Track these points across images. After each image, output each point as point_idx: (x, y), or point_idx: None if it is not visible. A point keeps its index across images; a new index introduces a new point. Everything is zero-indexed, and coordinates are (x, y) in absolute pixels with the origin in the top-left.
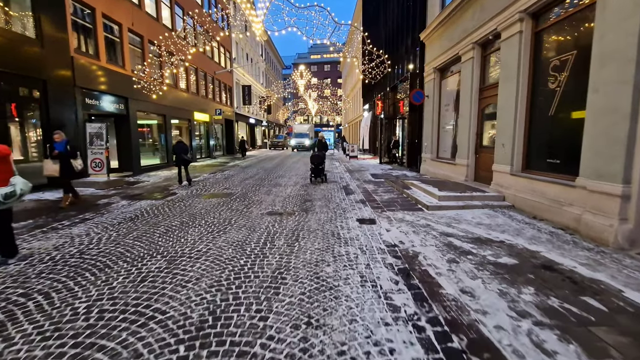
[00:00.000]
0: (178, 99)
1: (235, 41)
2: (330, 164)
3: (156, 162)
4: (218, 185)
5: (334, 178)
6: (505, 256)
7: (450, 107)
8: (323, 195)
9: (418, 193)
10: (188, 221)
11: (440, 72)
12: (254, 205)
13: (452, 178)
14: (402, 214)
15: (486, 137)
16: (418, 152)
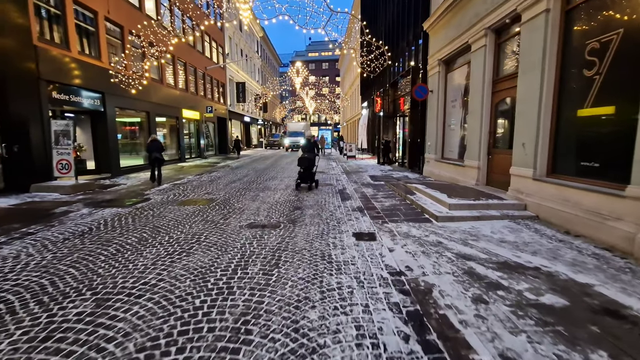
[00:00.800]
0: (164, 96)
1: (229, 36)
2: (327, 165)
3: (139, 163)
4: (200, 189)
5: (330, 180)
6: (548, 292)
7: (457, 103)
8: (316, 202)
9: (424, 200)
10: (149, 237)
11: (446, 64)
12: (233, 215)
13: (459, 181)
14: (407, 226)
15: (501, 136)
16: (420, 152)
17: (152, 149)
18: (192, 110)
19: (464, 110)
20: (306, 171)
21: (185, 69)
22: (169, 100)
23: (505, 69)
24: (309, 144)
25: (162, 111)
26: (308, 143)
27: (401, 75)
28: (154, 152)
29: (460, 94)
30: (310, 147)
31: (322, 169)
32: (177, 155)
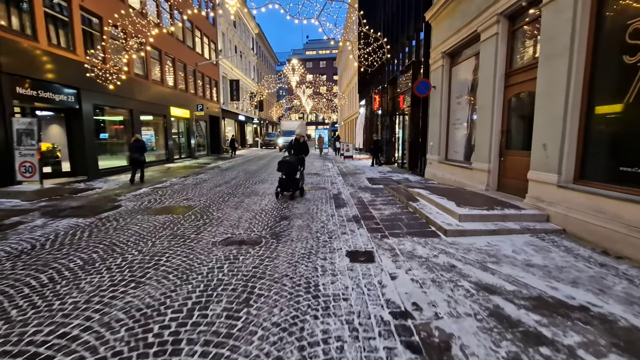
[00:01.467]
0: (150, 92)
1: (222, 32)
2: (323, 165)
3: (121, 164)
4: (181, 193)
5: (324, 183)
6: (612, 352)
7: (463, 99)
8: (306, 209)
9: (428, 208)
10: (98, 259)
11: (451, 57)
12: (209, 228)
13: (466, 186)
14: (410, 242)
15: (515, 135)
16: (422, 152)
17: (133, 150)
18: (181, 108)
19: (471, 107)
20: (288, 177)
21: (174, 64)
22: (155, 98)
23: (520, 59)
24: (297, 144)
25: (148, 109)
26: (295, 143)
27: (401, 71)
28: (134, 153)
29: (466, 89)
30: (298, 149)
31: (317, 171)
32: (165, 156)
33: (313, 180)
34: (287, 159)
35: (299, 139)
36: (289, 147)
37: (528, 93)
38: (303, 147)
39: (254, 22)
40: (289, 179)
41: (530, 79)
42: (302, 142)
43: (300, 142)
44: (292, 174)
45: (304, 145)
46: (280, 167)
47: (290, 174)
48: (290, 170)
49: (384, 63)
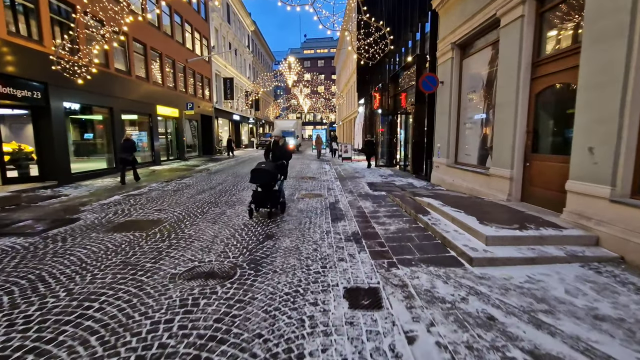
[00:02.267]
0: (134, 90)
1: (215, 27)
2: (319, 168)
3: (98, 167)
4: (155, 202)
5: (320, 189)
6: None
7: (477, 95)
8: (298, 224)
9: (443, 223)
10: (6, 303)
11: (462, 48)
12: (172, 252)
13: (481, 194)
14: (427, 275)
15: (546, 136)
16: (427, 155)
17: (123, 149)
18: (169, 107)
19: (487, 103)
20: (265, 190)
21: (161, 60)
22: (140, 95)
23: (551, 46)
24: (276, 148)
25: (131, 107)
26: (274, 146)
27: (403, 67)
28: (123, 153)
29: (480, 84)
30: (278, 153)
31: (314, 174)
32: (151, 158)
33: (308, 185)
34: (263, 167)
35: (277, 141)
36: (266, 150)
37: (563, 85)
38: (283, 150)
39: (250, 19)
40: (266, 192)
41: (567, 68)
42: (282, 144)
43: (280, 145)
44: (270, 186)
45: (283, 149)
46: (254, 176)
47: (267, 186)
48: (267, 181)
49: (385, 59)
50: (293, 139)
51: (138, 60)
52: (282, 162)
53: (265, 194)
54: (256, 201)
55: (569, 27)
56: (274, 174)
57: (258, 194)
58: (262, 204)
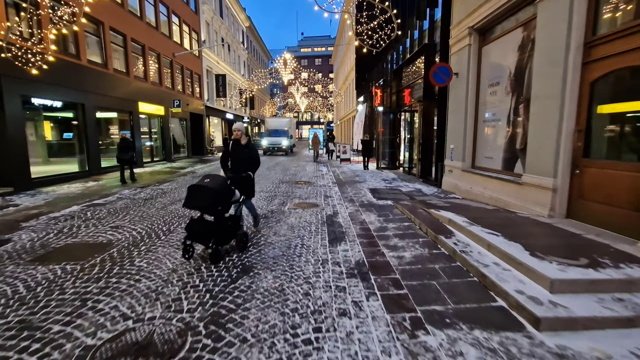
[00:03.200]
0: (111, 84)
1: (206, 21)
2: (316, 171)
3: (66, 171)
4: (117, 215)
5: (316, 197)
6: None
7: (500, 88)
8: (286, 248)
9: (476, 251)
10: None
11: (481, 34)
12: (102, 302)
13: (510, 206)
14: (475, 350)
15: (607, 138)
16: (438, 157)
17: (119, 150)
18: (153, 104)
19: (515, 97)
20: (204, 218)
21: (144, 53)
22: (118, 91)
23: (614, 20)
24: (236, 149)
25: (107, 104)
26: (234, 148)
27: (408, 60)
28: (121, 152)
29: (506, 74)
30: (242, 159)
31: (309, 178)
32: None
33: (302, 192)
34: (205, 182)
35: (238, 139)
36: (224, 156)
37: (634, 70)
38: (249, 155)
39: (244, 15)
40: (204, 223)
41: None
42: (247, 144)
43: (242, 145)
44: (216, 212)
45: (249, 152)
46: (188, 197)
47: (211, 212)
48: (208, 205)
49: (386, 53)
50: (287, 139)
51: (116, 53)
52: (247, 175)
53: (205, 225)
54: (192, 234)
55: None
56: (222, 193)
57: (194, 224)
58: (200, 238)
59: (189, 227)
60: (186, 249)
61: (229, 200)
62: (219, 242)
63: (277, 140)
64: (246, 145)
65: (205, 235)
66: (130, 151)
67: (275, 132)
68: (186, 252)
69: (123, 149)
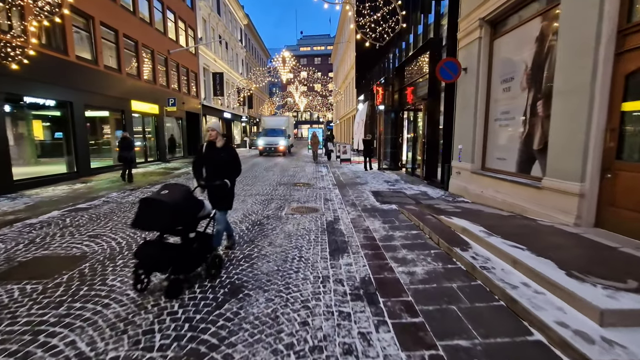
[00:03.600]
0: (101, 82)
1: (203, 18)
2: (315, 172)
3: (54, 172)
4: (97, 222)
5: (315, 200)
6: None
7: (515, 84)
8: (282, 261)
9: (499, 267)
10: None
11: (493, 26)
12: (56, 334)
13: (529, 212)
14: None
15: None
16: (444, 158)
17: (121, 149)
18: (147, 102)
19: (533, 93)
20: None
21: (137, 50)
22: (109, 89)
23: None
24: (210, 152)
25: (98, 102)
26: (208, 150)
27: (411, 56)
28: (122, 152)
29: (522, 69)
30: (219, 164)
31: (308, 179)
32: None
33: (301, 195)
34: (161, 195)
35: (212, 141)
36: (196, 160)
37: None
38: (226, 158)
39: (242, 12)
40: (160, 247)
41: None
42: (224, 147)
43: (218, 148)
44: (179, 232)
45: (227, 156)
46: (140, 216)
47: (169, 232)
48: (164, 224)
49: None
50: (284, 138)
51: (108, 49)
52: (221, 183)
53: (161, 249)
54: (144, 260)
55: None
56: (183, 208)
57: (146, 248)
58: (155, 267)
59: (139, 253)
60: (138, 278)
61: (194, 215)
62: (180, 269)
63: (274, 140)
64: (223, 147)
65: (161, 262)
66: (132, 150)
67: (272, 131)
68: (139, 283)
69: (124, 148)
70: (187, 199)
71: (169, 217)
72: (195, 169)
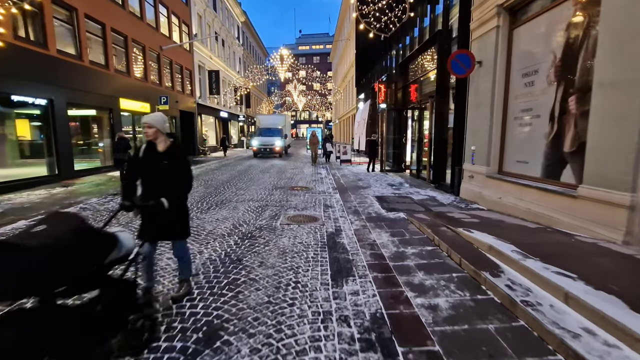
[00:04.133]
0: (86, 78)
1: (198, 13)
2: (314, 174)
3: (31, 175)
4: None
5: (315, 207)
6: None
7: (542, 77)
8: (272, 289)
9: (546, 303)
10: None
11: (512, 13)
12: None
13: (560, 225)
14: None
15: None
16: (455, 160)
17: (116, 150)
18: (137, 100)
19: (563, 87)
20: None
21: (127, 45)
22: (95, 86)
23: None
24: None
25: (81, 99)
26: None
27: (416, 51)
28: (117, 153)
29: (550, 60)
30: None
31: (307, 182)
32: (112, 161)
33: (299, 201)
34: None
35: (152, 142)
36: (129, 168)
37: None
38: (170, 167)
39: (240, 9)
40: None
41: None
42: (169, 150)
43: (160, 153)
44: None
45: (171, 164)
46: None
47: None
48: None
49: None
50: (280, 139)
51: (94, 44)
52: (155, 203)
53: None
54: None
55: None
56: (62, 258)
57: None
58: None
59: None
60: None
61: (97, 262)
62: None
63: (270, 141)
64: (167, 152)
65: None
66: (127, 150)
67: (267, 130)
68: None
69: (121, 150)
70: (80, 237)
71: (37, 274)
72: (125, 181)
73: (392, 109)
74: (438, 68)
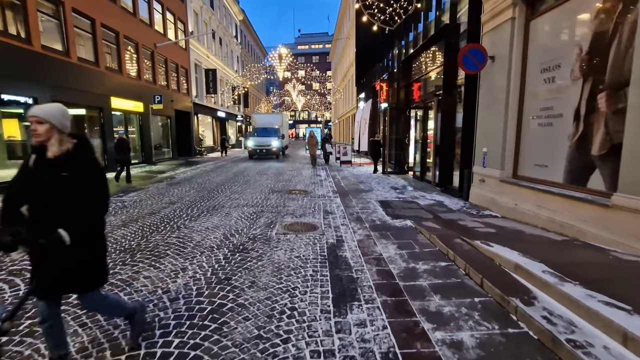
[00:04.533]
0: (74, 76)
1: (194, 10)
2: (313, 177)
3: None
4: None
5: (314, 213)
6: None
7: (564, 72)
8: (264, 318)
9: (598, 344)
10: None
11: (529, 3)
12: None
13: (588, 237)
14: None
15: None
16: (463, 162)
17: (116, 152)
18: (130, 99)
19: (590, 82)
20: None
21: (118, 42)
22: (84, 84)
23: None
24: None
25: (69, 98)
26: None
27: (420, 47)
28: (118, 154)
29: (574, 53)
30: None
31: (305, 186)
32: (103, 162)
33: (297, 206)
34: None
35: (42, 145)
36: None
37: None
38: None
39: (237, 7)
40: None
41: None
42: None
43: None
44: None
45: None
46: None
47: None
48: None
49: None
50: (277, 139)
51: (83, 39)
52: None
53: None
54: None
55: None
56: None
57: None
58: None
59: None
60: None
61: None
62: None
63: (265, 141)
64: (65, 158)
65: None
66: (128, 152)
67: (263, 130)
68: None
69: (120, 151)
70: None
71: None
72: (5, 204)
73: (394, 108)
74: (445, 65)
